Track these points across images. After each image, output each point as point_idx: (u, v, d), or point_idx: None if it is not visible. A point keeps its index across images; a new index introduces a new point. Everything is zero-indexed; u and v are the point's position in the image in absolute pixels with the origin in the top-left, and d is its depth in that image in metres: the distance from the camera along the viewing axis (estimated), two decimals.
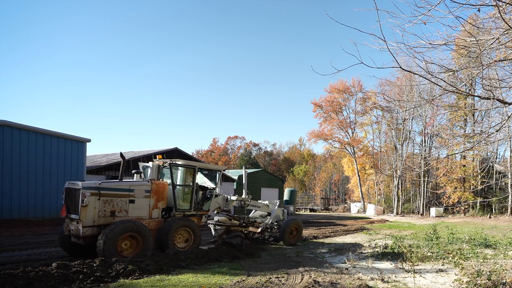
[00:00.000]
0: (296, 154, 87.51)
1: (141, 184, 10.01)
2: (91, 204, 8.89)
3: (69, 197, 9.41)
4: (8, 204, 19.44)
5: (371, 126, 49.58)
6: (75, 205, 9.11)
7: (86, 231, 8.90)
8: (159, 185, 10.21)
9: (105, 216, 9.13)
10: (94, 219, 8.99)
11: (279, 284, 7.27)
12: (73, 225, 9.11)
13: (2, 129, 19.48)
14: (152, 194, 10.00)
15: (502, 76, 8.16)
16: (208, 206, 11.57)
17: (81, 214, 8.84)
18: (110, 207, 9.23)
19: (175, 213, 10.55)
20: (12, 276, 6.73)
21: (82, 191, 8.86)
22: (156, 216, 10.08)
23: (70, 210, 9.32)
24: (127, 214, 9.48)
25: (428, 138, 41.26)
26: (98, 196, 9.01)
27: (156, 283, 7.09)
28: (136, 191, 9.69)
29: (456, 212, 37.20)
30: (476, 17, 6.17)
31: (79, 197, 8.91)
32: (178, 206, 10.62)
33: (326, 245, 13.90)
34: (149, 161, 11.59)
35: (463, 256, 10.33)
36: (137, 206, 9.70)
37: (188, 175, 11.01)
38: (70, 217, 9.28)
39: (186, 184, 10.97)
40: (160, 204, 10.19)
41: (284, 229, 13.32)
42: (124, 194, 9.49)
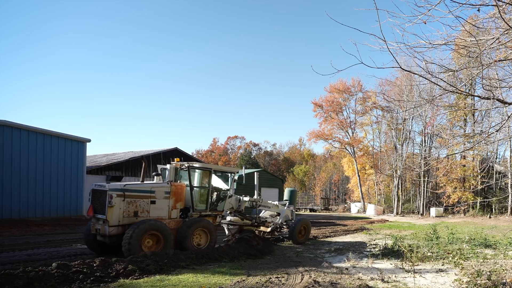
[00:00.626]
0: (296, 154, 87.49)
1: (161, 186, 10.50)
2: (116, 205, 9.44)
3: (95, 198, 9.90)
4: (8, 204, 19.44)
5: (371, 126, 49.59)
6: (101, 206, 9.62)
7: (112, 230, 9.42)
8: (178, 187, 10.74)
9: (129, 216, 9.68)
10: (119, 219, 9.53)
11: (279, 284, 7.27)
12: (100, 225, 9.64)
13: (2, 129, 19.48)
14: (171, 195, 10.52)
15: (502, 76, 8.16)
16: (222, 207, 12.07)
17: (108, 214, 9.38)
18: (133, 208, 9.78)
19: (192, 213, 11.03)
20: (12, 276, 6.73)
21: (109, 192, 9.41)
22: (175, 216, 10.59)
23: (97, 211, 9.79)
24: (148, 214, 10.01)
25: (428, 138, 41.26)
26: (123, 197, 9.57)
27: (156, 283, 7.09)
28: (156, 193, 10.24)
29: (456, 212, 37.19)
30: (476, 17, 6.17)
31: (105, 198, 9.46)
32: (195, 206, 11.10)
33: (326, 245, 13.90)
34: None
35: (463, 256, 10.32)
36: (158, 206, 10.22)
37: (204, 177, 11.52)
38: (97, 217, 9.77)
39: (203, 186, 11.44)
40: (178, 205, 10.71)
41: (294, 229, 13.72)
42: (146, 195, 10.06)
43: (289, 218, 14.39)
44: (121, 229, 9.51)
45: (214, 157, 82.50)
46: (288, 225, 14.13)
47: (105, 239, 9.64)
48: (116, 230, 9.48)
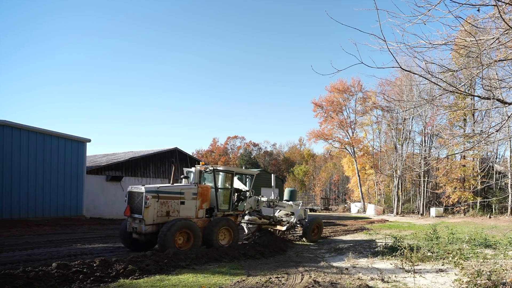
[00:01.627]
0: (296, 154, 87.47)
1: (189, 187, 11.30)
2: (152, 205, 10.23)
3: (132, 199, 10.67)
4: (8, 204, 19.43)
5: (371, 126, 49.56)
6: (138, 206, 10.41)
7: (147, 229, 10.22)
8: (204, 188, 11.57)
9: (162, 216, 10.47)
10: (154, 218, 10.33)
11: (279, 284, 7.27)
12: (136, 224, 10.40)
13: (2, 129, 19.47)
14: (198, 196, 11.31)
15: (502, 76, 8.15)
16: (243, 207, 12.90)
17: (144, 214, 10.17)
18: (165, 208, 10.57)
19: (217, 213, 11.82)
20: (12, 276, 6.73)
21: (145, 194, 10.20)
22: (201, 216, 11.40)
23: (134, 211, 10.54)
24: (178, 214, 10.81)
25: (428, 138, 41.25)
26: (157, 198, 10.36)
27: (156, 283, 7.09)
28: (185, 194, 11.04)
29: (456, 212, 37.18)
30: (476, 17, 6.16)
31: (142, 200, 10.25)
32: (220, 207, 11.92)
33: (326, 245, 13.90)
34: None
35: (463, 256, 10.32)
36: (187, 207, 11.03)
37: (227, 179, 12.40)
38: (134, 216, 10.51)
39: (226, 187, 12.28)
40: (204, 205, 11.52)
41: (307, 227, 14.44)
42: (176, 196, 10.85)
43: (302, 218, 14.98)
44: (155, 228, 10.29)
45: (214, 157, 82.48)
46: (301, 224, 14.78)
47: (141, 237, 10.41)
48: (151, 228, 10.26)
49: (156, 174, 28.08)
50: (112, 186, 25.31)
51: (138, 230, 10.31)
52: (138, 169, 26.97)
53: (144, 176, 27.26)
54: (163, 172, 28.53)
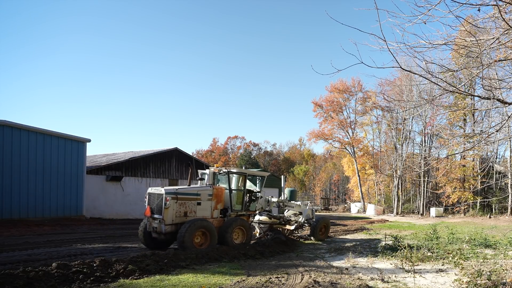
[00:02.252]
0: (296, 154, 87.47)
1: (205, 189, 11.80)
2: (171, 206, 10.73)
3: (152, 200, 11.17)
4: (8, 204, 19.42)
5: (371, 126, 49.55)
6: (158, 207, 10.90)
7: (167, 228, 10.72)
8: (219, 190, 12.04)
9: (180, 216, 10.97)
10: (173, 218, 10.82)
11: (279, 284, 7.27)
12: (156, 224, 10.87)
13: (2, 129, 19.47)
14: (213, 197, 11.79)
15: (502, 76, 8.16)
16: (254, 207, 13.32)
17: (164, 214, 10.66)
18: (183, 209, 11.07)
19: (231, 213, 12.27)
20: (12, 276, 6.73)
21: (165, 195, 10.70)
22: (216, 216, 11.88)
23: (154, 211, 11.03)
24: (195, 214, 11.29)
25: (428, 138, 41.23)
26: (176, 199, 10.86)
27: (156, 283, 7.08)
28: (201, 195, 11.52)
29: (456, 212, 37.17)
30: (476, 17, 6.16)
31: (162, 201, 10.75)
32: (233, 207, 12.37)
33: (326, 245, 13.91)
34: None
35: (463, 256, 10.31)
36: (203, 207, 11.51)
37: (240, 181, 12.87)
38: (154, 217, 10.98)
39: (239, 189, 12.75)
40: (219, 206, 12.01)
41: (315, 227, 14.93)
42: (193, 197, 11.33)
43: (310, 217, 15.39)
44: (174, 227, 10.82)
45: (214, 157, 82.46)
46: (309, 224, 15.19)
47: (160, 236, 10.91)
48: (170, 228, 10.78)
49: (156, 174, 28.07)
50: (112, 186, 25.30)
51: (158, 229, 10.80)
52: (138, 169, 26.96)
53: (144, 176, 27.26)
54: (163, 172, 28.53)
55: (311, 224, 15.11)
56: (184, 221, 10.84)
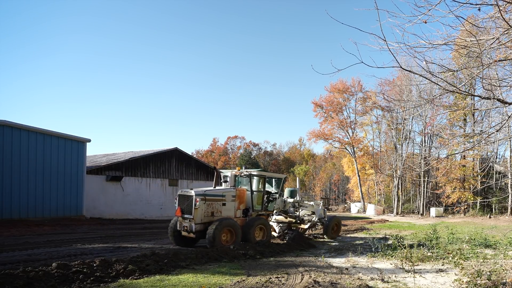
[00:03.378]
0: (296, 154, 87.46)
1: (229, 190, 12.66)
2: (200, 207, 11.52)
3: (182, 201, 11.96)
4: (8, 204, 19.42)
5: (371, 126, 49.53)
6: (188, 207, 11.68)
7: (197, 227, 11.54)
8: (241, 191, 12.95)
9: (208, 216, 11.76)
10: (202, 218, 11.62)
11: (279, 284, 7.26)
12: (187, 223, 11.72)
13: (2, 129, 19.47)
14: (237, 198, 12.67)
15: (502, 76, 8.15)
16: (272, 207, 14.23)
17: (194, 214, 11.46)
18: (211, 209, 11.88)
19: (252, 213, 13.11)
20: (12, 276, 6.73)
21: (195, 197, 11.49)
22: (239, 216, 12.75)
23: (184, 212, 11.80)
24: (221, 214, 12.10)
25: (428, 138, 41.22)
26: (205, 200, 11.66)
27: (156, 283, 7.08)
28: (226, 196, 12.37)
29: (456, 212, 37.15)
30: (476, 16, 6.16)
31: (192, 202, 11.53)
32: (254, 207, 13.22)
33: (326, 245, 13.92)
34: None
35: (463, 256, 10.31)
36: (227, 207, 12.35)
37: (260, 183, 13.73)
38: (184, 216, 11.79)
39: (259, 190, 13.61)
40: (241, 206, 12.89)
41: (328, 225, 15.64)
42: (219, 198, 12.17)
43: (322, 216, 15.96)
44: (203, 226, 11.59)
45: (214, 157, 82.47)
46: (322, 223, 15.85)
47: (190, 234, 11.73)
48: (199, 227, 11.56)
49: (156, 174, 28.07)
50: (112, 186, 25.30)
51: (189, 228, 11.63)
52: (138, 169, 26.96)
53: (144, 176, 27.25)
54: (163, 172, 28.53)
55: (324, 223, 15.77)
56: (211, 220, 11.66)
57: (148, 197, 27.39)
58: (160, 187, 28.28)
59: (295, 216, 15.41)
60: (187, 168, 30.27)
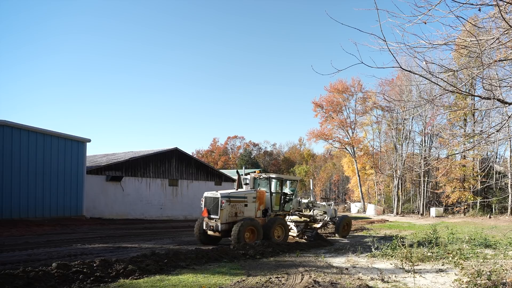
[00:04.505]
0: (296, 154, 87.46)
1: (250, 192, 13.57)
2: (225, 208, 12.48)
3: (208, 203, 12.89)
4: (8, 204, 19.41)
5: (371, 126, 49.51)
6: (215, 208, 12.62)
7: (222, 227, 12.48)
8: (261, 193, 13.85)
9: (232, 216, 12.70)
10: (227, 218, 12.57)
11: (279, 284, 7.26)
12: (213, 223, 12.63)
13: (2, 129, 19.46)
14: (257, 200, 13.57)
15: (503, 76, 8.13)
16: (289, 207, 15.09)
17: (220, 215, 12.42)
18: (234, 210, 12.82)
19: (271, 213, 14.01)
20: (12, 276, 6.72)
21: (221, 199, 12.47)
22: (259, 216, 13.65)
23: (210, 212, 12.74)
24: (243, 214, 13.01)
25: (428, 138, 41.21)
26: (229, 202, 12.61)
27: (156, 283, 7.08)
28: (248, 198, 13.29)
29: (456, 212, 37.15)
30: (477, 17, 6.16)
31: (218, 203, 12.50)
32: (273, 208, 14.14)
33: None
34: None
35: (463, 256, 10.30)
36: (249, 208, 13.27)
37: (278, 185, 14.61)
38: (210, 217, 12.72)
39: (277, 192, 14.49)
40: (261, 207, 13.79)
41: (339, 225, 16.41)
42: (241, 200, 13.10)
43: (333, 216, 16.70)
44: (227, 226, 12.52)
45: (214, 157, 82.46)
46: (333, 222, 16.57)
47: (215, 233, 12.65)
48: (225, 226, 12.50)
49: (156, 174, 28.06)
50: (112, 186, 25.29)
51: (215, 228, 12.53)
52: (138, 169, 26.95)
53: (144, 176, 27.25)
54: (163, 172, 28.52)
55: (335, 222, 16.51)
56: (234, 220, 12.58)
57: (148, 197, 27.38)
58: (160, 187, 28.27)
59: (309, 216, 16.23)
60: (187, 168, 30.27)
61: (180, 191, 29.57)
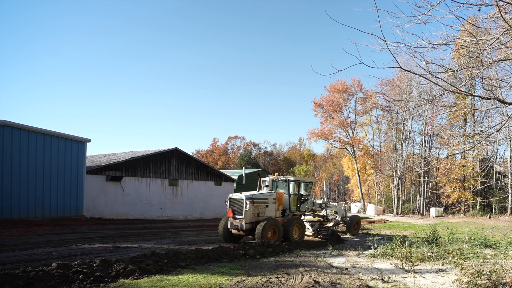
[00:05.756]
0: (296, 154, 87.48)
1: (271, 194, 14.37)
2: (249, 209, 13.26)
3: (233, 204, 13.71)
4: (8, 204, 19.40)
5: (371, 126, 49.54)
6: (239, 209, 13.44)
7: (246, 226, 13.26)
8: (280, 194, 14.70)
9: (255, 216, 13.50)
10: (250, 218, 13.35)
11: (279, 284, 7.26)
12: (237, 222, 13.43)
13: (2, 129, 19.45)
14: (277, 201, 14.37)
15: (502, 76, 8.13)
16: (304, 208, 15.94)
17: (244, 215, 13.21)
18: (257, 210, 13.59)
19: (289, 213, 14.89)
20: (12, 276, 6.72)
21: (245, 200, 13.27)
22: (278, 216, 14.43)
23: (235, 213, 13.53)
24: (264, 214, 13.77)
25: (428, 138, 41.21)
26: (253, 203, 13.40)
27: (156, 283, 7.08)
28: (268, 199, 14.08)
29: (456, 212, 37.16)
30: (476, 17, 6.16)
31: (242, 204, 13.34)
32: (291, 208, 15.00)
33: (326, 245, 13.91)
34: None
35: (463, 256, 10.30)
36: (269, 209, 14.04)
37: (295, 187, 15.38)
38: (235, 217, 13.51)
39: (295, 193, 15.29)
40: (280, 207, 14.61)
41: (350, 224, 17.21)
42: (263, 201, 13.87)
43: (344, 216, 17.47)
44: (251, 225, 13.33)
45: (214, 157, 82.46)
46: (344, 221, 17.31)
47: (240, 232, 13.47)
48: (248, 225, 13.30)
49: (156, 174, 28.06)
50: (112, 186, 25.29)
51: (239, 227, 13.34)
52: (138, 169, 26.94)
53: (144, 176, 27.24)
54: (163, 172, 28.51)
55: (346, 221, 17.28)
56: (257, 220, 13.36)
57: (148, 197, 27.37)
58: (160, 187, 28.26)
59: (322, 215, 17.03)
60: (187, 168, 30.25)
61: (180, 191, 29.57)
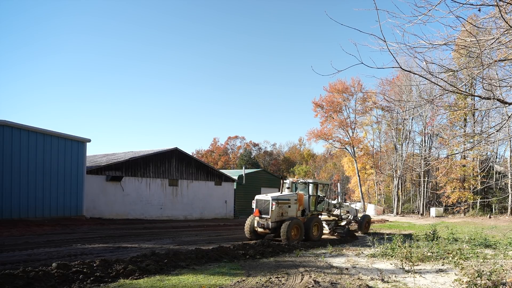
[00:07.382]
0: (296, 154, 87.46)
1: (293, 195, 15.38)
2: (275, 209, 14.23)
3: (259, 204, 14.64)
4: (8, 204, 19.39)
5: (371, 126, 49.52)
6: (266, 209, 14.38)
7: (272, 225, 14.21)
8: (301, 195, 15.72)
9: (279, 216, 14.44)
10: (275, 217, 14.31)
11: (279, 284, 7.26)
12: (263, 221, 14.38)
13: (2, 129, 19.45)
14: (298, 201, 15.34)
15: (502, 76, 8.13)
16: (321, 208, 16.96)
17: (271, 214, 14.18)
18: (281, 210, 14.54)
19: (308, 213, 15.87)
20: (12, 276, 6.72)
21: (271, 201, 14.23)
22: (299, 215, 15.39)
23: (262, 213, 14.48)
24: (287, 214, 14.72)
25: (428, 138, 41.21)
26: (277, 204, 14.35)
27: (156, 283, 7.08)
28: (291, 200, 15.04)
29: (456, 212, 37.15)
30: (476, 17, 6.16)
31: (269, 205, 14.29)
32: (310, 208, 16.01)
33: (326, 245, 13.90)
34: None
35: (463, 256, 10.30)
36: (291, 209, 15.00)
37: (314, 188, 16.42)
38: (261, 216, 14.44)
39: (313, 194, 16.29)
40: (300, 208, 15.60)
41: (361, 222, 18.60)
42: (286, 202, 14.81)
43: (355, 215, 18.56)
44: (276, 224, 14.25)
45: (214, 157, 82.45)
46: (356, 221, 18.52)
47: (265, 230, 14.38)
48: (274, 224, 14.23)
49: (156, 174, 28.06)
50: (112, 186, 25.29)
51: (265, 225, 14.29)
52: (138, 169, 26.94)
53: (144, 176, 27.24)
54: (163, 172, 28.51)
55: (357, 220, 18.52)
56: (281, 219, 14.30)
57: (148, 197, 27.37)
58: (160, 187, 28.26)
59: (336, 215, 17.96)
60: (187, 168, 30.25)
61: (180, 191, 29.57)
